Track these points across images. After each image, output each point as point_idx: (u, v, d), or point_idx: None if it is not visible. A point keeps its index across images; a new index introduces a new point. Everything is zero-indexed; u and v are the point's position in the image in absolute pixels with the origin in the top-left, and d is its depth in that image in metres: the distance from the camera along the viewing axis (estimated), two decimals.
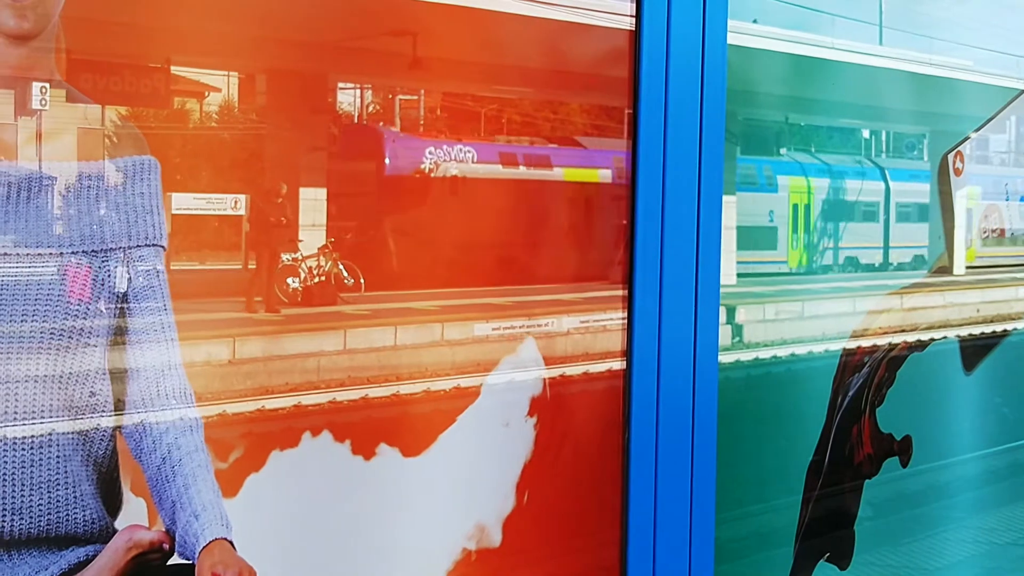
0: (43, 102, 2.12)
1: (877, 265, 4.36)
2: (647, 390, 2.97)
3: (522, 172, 2.78)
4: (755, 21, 3.62)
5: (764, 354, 3.87)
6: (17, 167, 2.09)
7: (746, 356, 3.80)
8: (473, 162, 2.49)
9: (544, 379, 2.90)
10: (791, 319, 4.04)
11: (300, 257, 2.44)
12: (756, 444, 3.72)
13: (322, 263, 2.47)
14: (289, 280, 2.44)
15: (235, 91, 2.39)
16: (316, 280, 2.48)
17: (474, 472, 2.77)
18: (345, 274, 2.50)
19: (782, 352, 3.92)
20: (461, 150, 2.49)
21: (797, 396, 3.95)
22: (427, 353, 2.66)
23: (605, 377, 2.98)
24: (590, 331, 2.97)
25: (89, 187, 2.17)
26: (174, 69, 2.29)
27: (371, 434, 2.56)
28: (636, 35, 2.94)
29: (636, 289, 2.94)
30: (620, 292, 2.97)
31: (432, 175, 2.54)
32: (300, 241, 2.44)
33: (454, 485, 2.73)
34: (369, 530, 2.58)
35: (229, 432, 2.34)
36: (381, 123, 2.48)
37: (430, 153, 2.47)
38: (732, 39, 3.14)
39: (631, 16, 2.94)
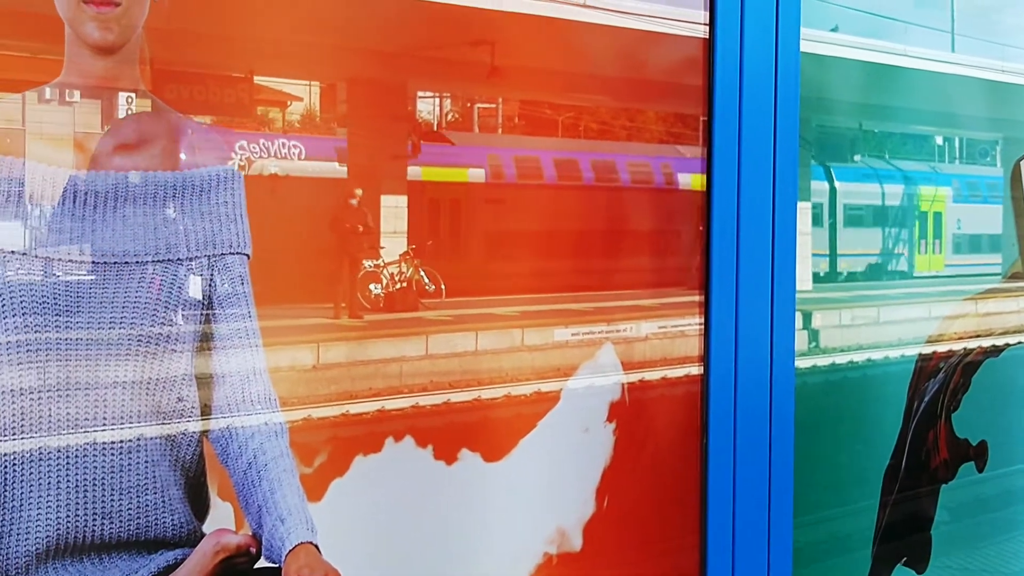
0: (129, 112, 2.11)
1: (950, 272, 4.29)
2: (724, 395, 2.93)
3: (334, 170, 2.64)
4: (835, 29, 3.57)
5: (840, 359, 3.82)
6: (104, 177, 2.08)
7: (823, 361, 3.75)
8: (300, 158, 2.38)
9: (623, 384, 2.86)
10: (867, 324, 3.98)
11: (382, 264, 2.42)
12: (833, 448, 3.66)
13: (403, 269, 2.45)
14: (372, 286, 2.42)
15: (316, 100, 2.37)
16: (398, 286, 2.45)
17: (554, 477, 2.73)
18: (426, 280, 2.47)
19: (858, 357, 3.86)
20: (284, 145, 2.37)
21: (873, 401, 3.88)
22: (507, 358, 2.63)
23: (683, 382, 2.94)
24: (668, 336, 2.93)
25: (174, 196, 2.16)
26: (257, 79, 2.28)
27: (453, 439, 2.53)
28: (710, 43, 2.90)
29: (712, 294, 2.90)
30: (697, 298, 2.92)
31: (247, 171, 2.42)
32: (382, 248, 2.42)
33: (535, 490, 2.69)
34: (451, 534, 2.55)
35: (314, 437, 2.32)
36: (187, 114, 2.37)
37: (241, 148, 2.35)
38: (805, 47, 3.08)
39: (704, 24, 2.90)
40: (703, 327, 2.92)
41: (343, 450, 2.36)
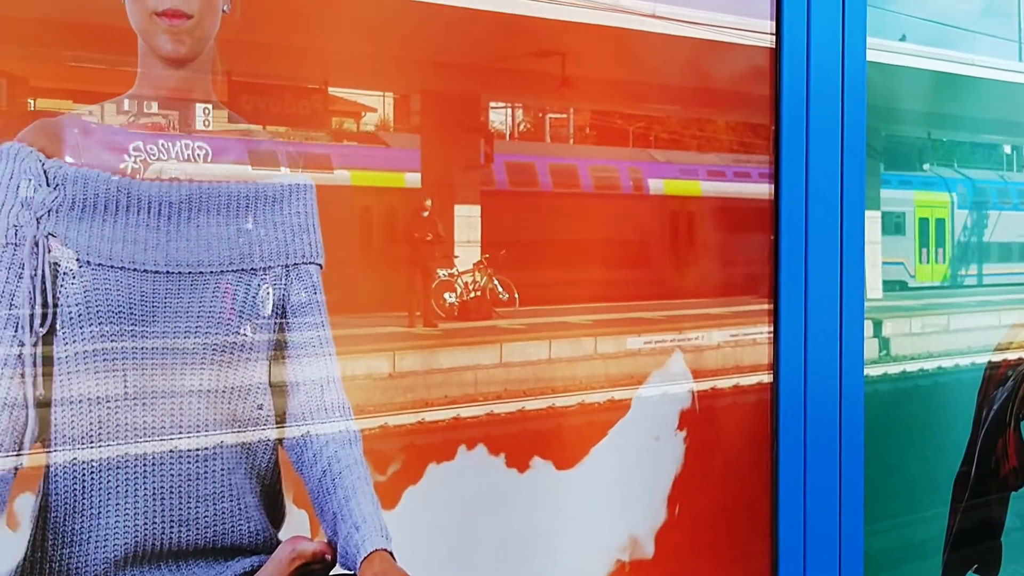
0: (206, 123, 2.10)
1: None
2: (794, 403, 2.89)
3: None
4: (903, 38, 3.53)
5: (910, 367, 3.76)
6: (178, 187, 2.07)
7: (892, 369, 3.69)
8: (206, 160, 2.33)
9: (693, 392, 2.82)
10: (936, 332, 3.92)
11: (456, 273, 2.40)
12: (903, 455, 3.61)
13: (477, 278, 2.43)
14: (446, 295, 2.40)
15: (389, 110, 2.35)
16: (472, 295, 2.43)
17: (626, 485, 2.69)
18: (500, 289, 2.45)
19: (928, 365, 3.80)
20: (188, 146, 2.31)
21: (943, 408, 3.82)
22: (581, 366, 2.60)
23: (752, 390, 2.90)
24: (737, 344, 2.89)
25: (247, 207, 2.15)
26: (330, 90, 2.27)
27: (525, 447, 2.50)
28: (776, 53, 2.87)
29: (781, 302, 2.87)
30: (766, 306, 2.88)
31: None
32: (456, 257, 2.40)
33: (607, 497, 2.66)
34: (523, 542, 2.52)
35: (388, 445, 2.29)
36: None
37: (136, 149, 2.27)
38: (871, 56, 3.04)
39: (771, 34, 2.86)
40: (772, 335, 2.88)
41: (417, 458, 2.33)
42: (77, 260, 1.99)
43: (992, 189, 4.16)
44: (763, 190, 2.91)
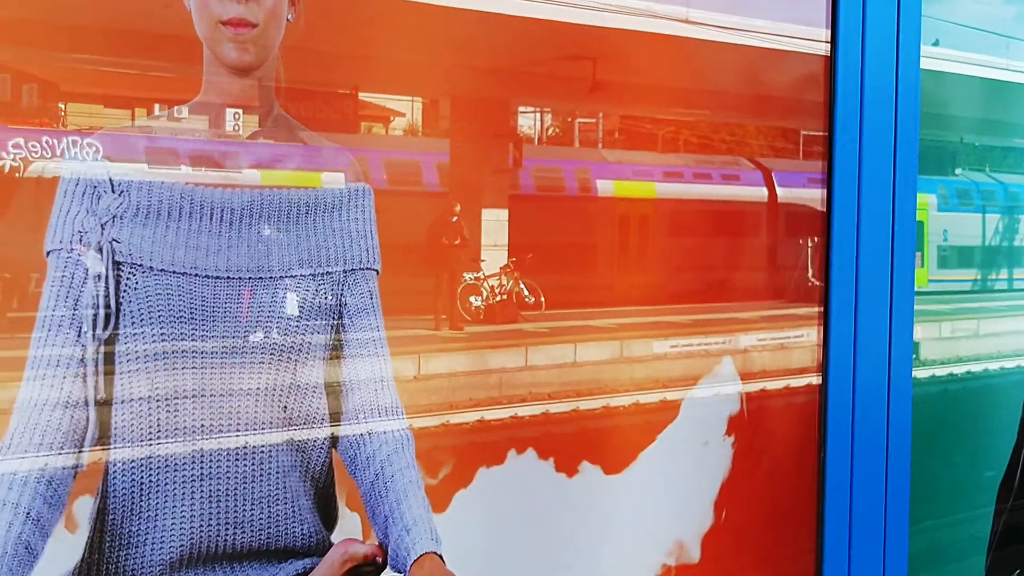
0: (265, 131, 2.11)
1: None
2: (843, 406, 2.88)
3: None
4: (936, 43, 3.50)
5: (956, 370, 3.74)
6: (239, 194, 2.08)
7: (939, 371, 3.67)
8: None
9: (741, 397, 2.81)
10: (982, 335, 3.90)
11: (482, 276, 2.40)
12: (948, 458, 3.59)
13: (504, 282, 2.43)
14: (472, 299, 2.40)
15: (419, 115, 2.37)
16: (498, 299, 2.44)
17: (674, 489, 2.69)
18: (526, 292, 2.45)
19: (975, 368, 3.78)
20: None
21: (989, 411, 3.80)
22: (638, 368, 2.60)
23: (801, 394, 2.89)
24: (787, 349, 2.88)
25: (307, 213, 2.16)
26: (388, 98, 2.28)
27: (575, 451, 2.50)
28: (831, 61, 2.86)
29: (832, 307, 2.86)
30: (816, 310, 2.86)
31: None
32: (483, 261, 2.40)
33: (655, 502, 2.65)
34: (572, 545, 2.53)
35: (440, 448, 2.30)
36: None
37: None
38: (925, 64, 3.02)
39: (826, 42, 2.85)
40: (822, 339, 2.87)
41: (469, 462, 2.34)
42: (140, 265, 2.00)
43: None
44: (815, 195, 2.89)
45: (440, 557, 2.16)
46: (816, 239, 2.90)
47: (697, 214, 2.82)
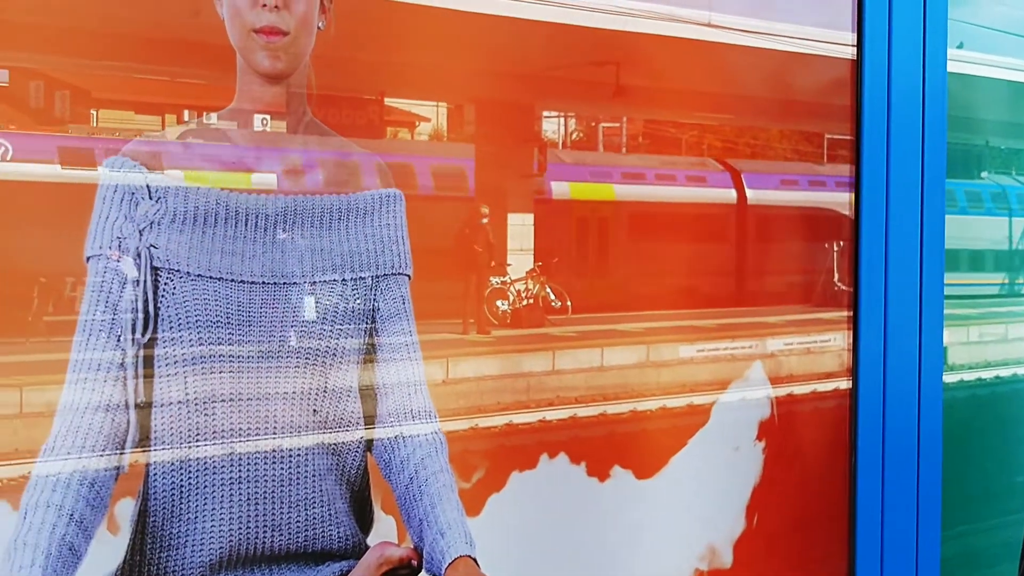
0: (297, 138, 2.12)
1: None
2: (873, 411, 2.88)
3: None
4: (960, 46, 3.49)
5: (985, 374, 3.73)
6: (273, 200, 2.09)
7: (968, 376, 3.66)
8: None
9: (772, 402, 2.81)
10: (1013, 340, 3.88)
11: (509, 280, 2.41)
12: (979, 462, 3.58)
13: (530, 286, 2.43)
14: (499, 303, 2.41)
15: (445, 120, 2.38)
16: (525, 303, 2.44)
17: (706, 494, 2.69)
18: (552, 297, 2.45)
19: (1004, 372, 3.76)
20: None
21: (1019, 415, 3.79)
22: (667, 372, 2.60)
23: (831, 398, 2.88)
24: (816, 353, 2.88)
25: (339, 218, 2.17)
26: (418, 104, 2.29)
27: (606, 456, 2.51)
28: (858, 65, 2.86)
29: (861, 310, 2.86)
30: (845, 314, 2.86)
31: None
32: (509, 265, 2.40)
33: (686, 507, 2.65)
34: (604, 550, 2.53)
35: (469, 449, 2.31)
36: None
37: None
38: (951, 67, 3.02)
39: (853, 46, 2.85)
40: (851, 343, 2.86)
41: (502, 466, 2.34)
42: (177, 271, 2.01)
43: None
44: (843, 199, 2.89)
45: (474, 561, 2.16)
46: (842, 243, 2.89)
47: (722, 218, 2.82)
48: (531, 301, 2.44)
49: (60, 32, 1.93)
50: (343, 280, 2.16)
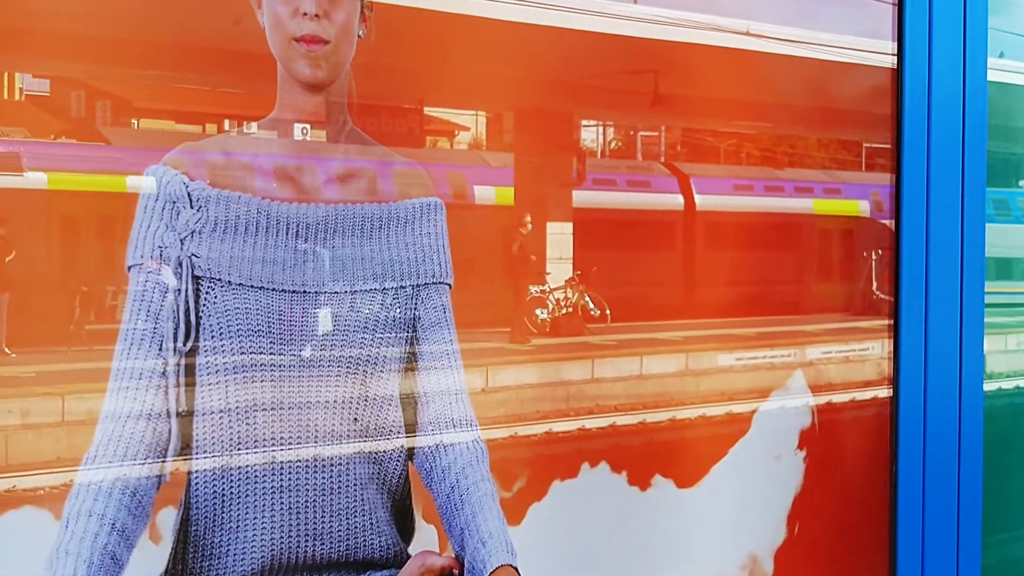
0: (339, 147, 2.11)
1: None
2: (914, 420, 2.84)
3: None
4: (1001, 55, 3.45)
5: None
6: (314, 209, 2.08)
7: (1008, 384, 3.62)
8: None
9: (813, 411, 2.78)
10: None
11: (548, 289, 2.38)
12: (1020, 469, 3.54)
13: (569, 295, 2.41)
14: (538, 311, 2.39)
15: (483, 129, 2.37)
16: (564, 311, 2.42)
17: (747, 503, 2.66)
18: (591, 305, 2.43)
19: None
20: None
21: None
22: (706, 381, 2.58)
23: (872, 407, 2.85)
24: (858, 361, 2.85)
25: (380, 227, 2.15)
26: (455, 113, 2.28)
27: (647, 465, 2.49)
28: (898, 73, 2.83)
29: (902, 319, 2.83)
30: (886, 322, 2.83)
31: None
32: (548, 274, 2.38)
33: (728, 516, 2.63)
34: (646, 558, 2.50)
35: (508, 457, 2.29)
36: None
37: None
38: (992, 76, 2.99)
39: (893, 55, 2.82)
40: (892, 352, 2.83)
41: (542, 475, 2.32)
42: (218, 280, 2.00)
43: None
44: (882, 207, 2.87)
45: (516, 570, 2.14)
46: (880, 252, 2.87)
47: (762, 227, 2.80)
48: (570, 310, 2.42)
49: (101, 42, 1.92)
50: (384, 289, 2.15)
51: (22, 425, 1.87)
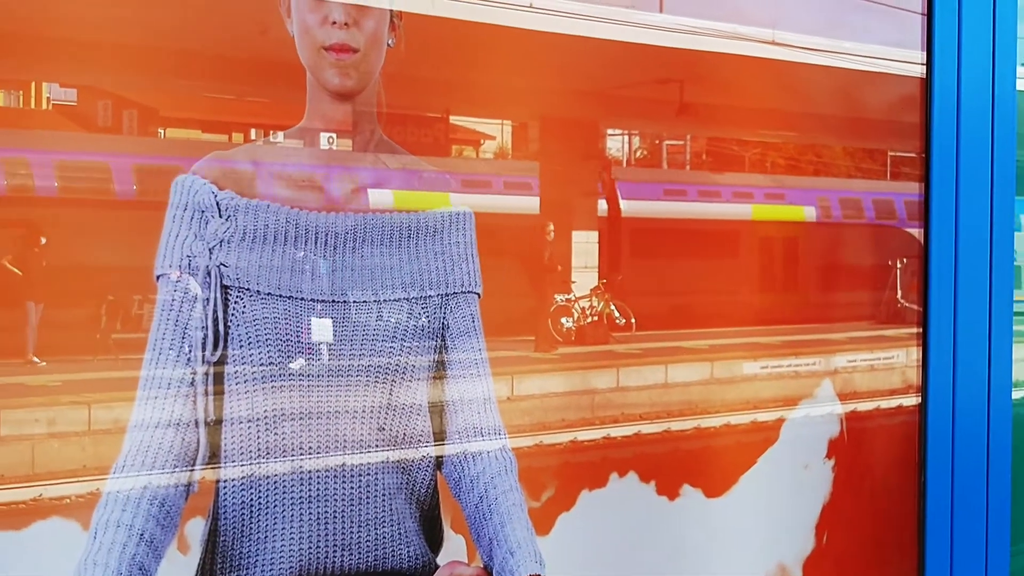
0: (369, 156, 2.09)
1: None
2: (942, 428, 2.81)
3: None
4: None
5: None
6: (343, 218, 2.06)
7: None
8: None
9: (841, 420, 2.76)
10: None
11: (573, 298, 2.36)
12: None
13: (595, 304, 2.39)
14: (563, 320, 2.37)
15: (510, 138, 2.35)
16: (589, 320, 2.40)
17: (776, 513, 2.63)
18: (617, 314, 2.41)
19: None
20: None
21: None
22: (732, 390, 2.55)
23: (901, 416, 2.83)
24: (886, 370, 2.82)
25: (409, 237, 2.13)
26: (485, 122, 2.26)
27: (676, 474, 2.46)
28: (927, 83, 2.80)
29: (931, 328, 2.81)
30: (914, 330, 2.80)
31: None
32: (574, 282, 2.37)
33: (756, 525, 2.60)
34: (675, 569, 2.48)
35: (535, 466, 2.27)
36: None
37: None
38: (1022, 84, 2.96)
39: (922, 64, 2.79)
40: (921, 360, 2.82)
41: (571, 484, 2.30)
42: (247, 289, 1.98)
43: None
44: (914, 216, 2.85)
45: None
46: (905, 260, 2.85)
47: (787, 235, 2.78)
48: (596, 319, 2.40)
49: (128, 51, 1.91)
50: (412, 298, 2.12)
51: (48, 434, 1.86)
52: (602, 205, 2.44)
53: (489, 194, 2.31)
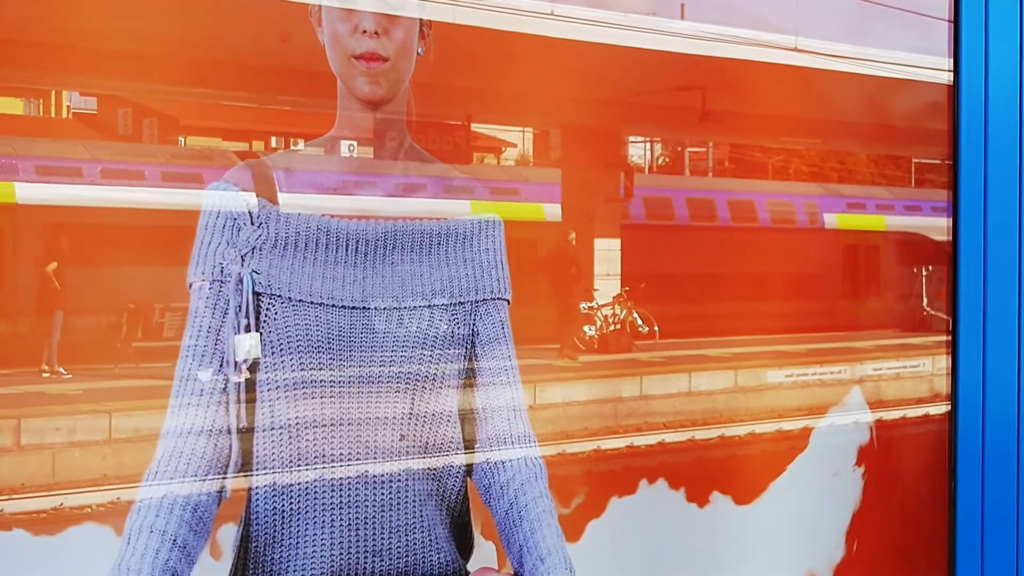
0: (398, 164, 2.09)
1: None
2: (972, 436, 2.79)
3: None
4: None
5: None
6: (374, 226, 2.05)
7: None
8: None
9: (871, 427, 2.73)
10: None
11: (596, 306, 2.35)
12: None
13: (617, 311, 2.38)
14: (586, 328, 2.36)
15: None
16: (612, 328, 2.40)
17: (806, 520, 2.62)
18: (640, 322, 2.39)
19: None
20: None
21: None
22: (757, 398, 2.54)
23: (930, 423, 2.80)
24: (913, 378, 2.80)
25: (439, 244, 2.12)
26: (506, 130, 2.26)
27: (706, 481, 2.45)
28: (954, 90, 2.78)
29: (960, 335, 2.78)
30: (943, 338, 2.77)
31: None
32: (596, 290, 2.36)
33: (786, 532, 2.58)
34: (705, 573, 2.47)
35: (563, 474, 2.26)
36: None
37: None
38: None
39: (949, 71, 2.77)
40: (950, 368, 2.79)
41: (599, 491, 2.29)
42: (279, 296, 1.97)
43: None
44: (935, 223, 2.82)
45: None
46: (931, 268, 2.83)
47: (814, 243, 2.77)
48: (618, 327, 2.39)
49: (151, 61, 1.92)
50: (443, 305, 2.11)
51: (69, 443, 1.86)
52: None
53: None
